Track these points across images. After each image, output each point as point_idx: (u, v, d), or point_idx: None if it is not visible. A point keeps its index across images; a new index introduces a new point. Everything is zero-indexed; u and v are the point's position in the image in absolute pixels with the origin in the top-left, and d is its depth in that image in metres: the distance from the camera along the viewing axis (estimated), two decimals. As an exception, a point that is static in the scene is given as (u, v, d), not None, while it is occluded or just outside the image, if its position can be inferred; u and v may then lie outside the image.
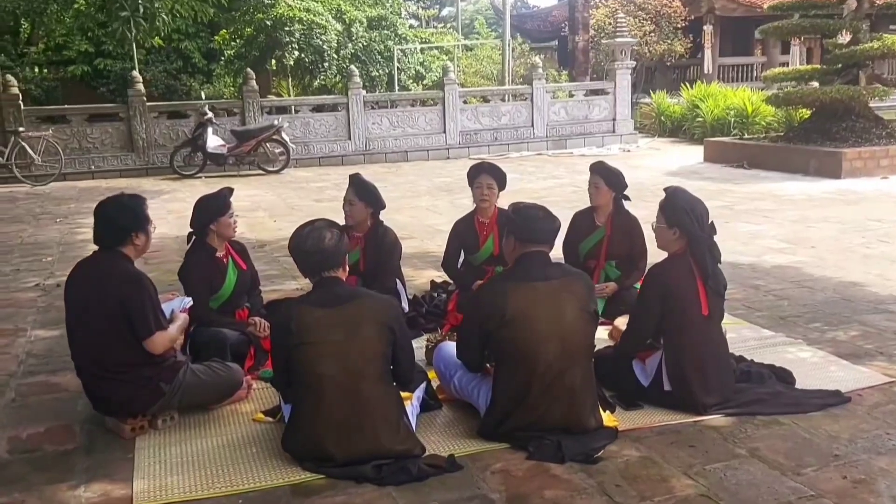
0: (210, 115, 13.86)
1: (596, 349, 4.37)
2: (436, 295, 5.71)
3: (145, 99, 14.43)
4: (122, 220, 3.68)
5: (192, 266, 4.67)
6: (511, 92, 17.56)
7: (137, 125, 14.27)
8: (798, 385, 4.08)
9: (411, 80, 20.91)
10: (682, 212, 3.80)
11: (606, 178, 5.32)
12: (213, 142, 13.85)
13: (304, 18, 18.80)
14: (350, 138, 15.54)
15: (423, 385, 3.81)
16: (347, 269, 3.51)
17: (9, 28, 22.44)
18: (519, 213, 3.58)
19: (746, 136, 15.41)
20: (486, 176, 5.30)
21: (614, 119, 17.35)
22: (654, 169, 13.49)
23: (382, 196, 5.20)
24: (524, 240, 3.57)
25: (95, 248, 3.76)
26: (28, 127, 13.63)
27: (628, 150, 16.44)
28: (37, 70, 22.29)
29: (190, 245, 4.77)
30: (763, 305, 5.59)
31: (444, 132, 16.14)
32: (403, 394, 3.55)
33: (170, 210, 10.57)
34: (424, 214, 9.79)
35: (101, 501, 3.15)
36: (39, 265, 7.53)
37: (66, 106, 15.72)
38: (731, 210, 9.47)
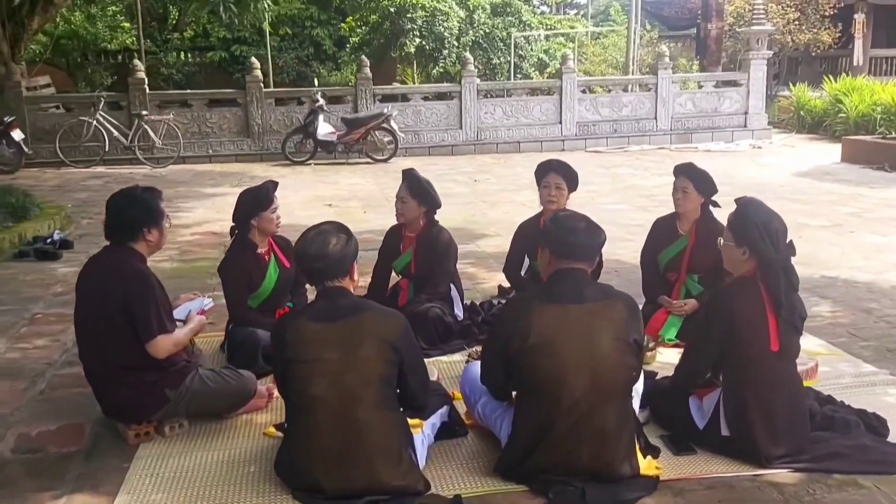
0: (321, 102, 13.88)
1: (658, 377, 3.90)
2: (495, 303, 5.29)
3: (262, 85, 14.62)
4: (133, 215, 3.49)
5: (231, 262, 4.49)
6: (634, 82, 16.73)
7: (254, 111, 14.49)
8: (892, 438, 3.42)
9: (533, 69, 20.37)
10: (753, 227, 3.23)
11: (696, 182, 4.72)
12: (324, 129, 13.87)
13: (427, 5, 18.62)
14: (461, 127, 15.21)
15: (443, 410, 3.43)
16: (356, 278, 3.17)
17: (158, 15, 23.57)
18: (556, 223, 3.13)
19: (894, 134, 13.96)
20: (554, 175, 4.84)
21: (746, 112, 16.18)
22: (783, 168, 12.43)
23: (437, 194, 4.82)
24: (560, 254, 3.11)
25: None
26: (152, 111, 14.09)
27: (759, 147, 15.28)
28: (180, 55, 23.21)
29: (232, 240, 4.58)
30: (871, 334, 4.84)
31: (560, 123, 15.54)
32: (412, 421, 3.17)
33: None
34: (519, 210, 9.28)
35: (75, 518, 2.96)
36: (125, 249, 7.61)
37: (187, 91, 16.21)
38: (859, 218, 8.49)
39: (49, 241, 7.39)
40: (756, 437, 3.19)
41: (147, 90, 14.24)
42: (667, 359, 4.29)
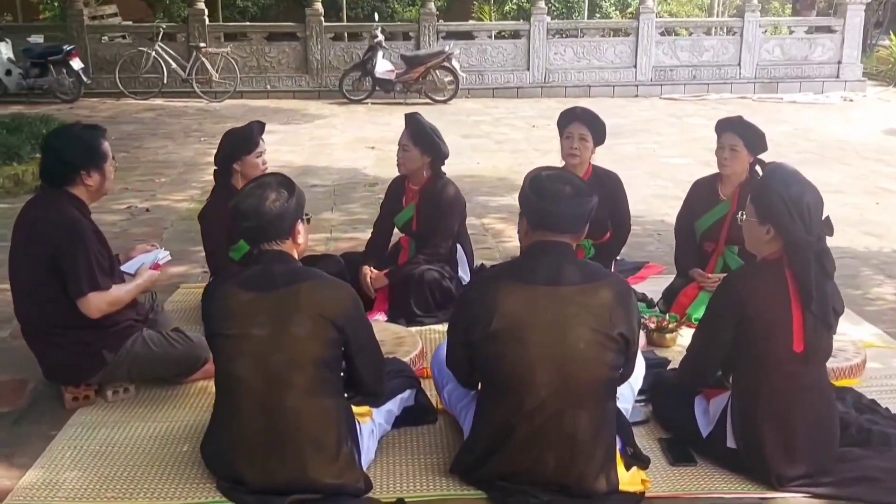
0: (380, 38, 13.33)
1: (669, 366, 3.37)
2: (509, 265, 4.77)
3: (322, 19, 14.14)
4: (69, 155, 3.11)
5: (211, 209, 4.11)
6: (718, 24, 15.57)
7: (313, 46, 14.05)
8: (943, 463, 2.82)
9: (614, 8, 19.24)
10: (779, 201, 2.62)
11: (747, 139, 4.06)
12: (382, 66, 13.35)
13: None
14: (528, 69, 14.45)
15: (405, 395, 3.00)
16: (301, 241, 2.72)
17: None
18: (535, 186, 2.58)
19: None
20: (578, 125, 4.24)
21: (839, 62, 14.86)
22: (873, 124, 11.32)
23: (445, 143, 4.29)
24: (537, 224, 2.59)
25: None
26: (211, 43, 13.82)
27: (850, 100, 14.03)
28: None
29: (214, 185, 4.20)
30: (943, 325, 4.15)
31: (635, 67, 14.59)
32: (358, 409, 2.75)
33: (312, 137, 10.22)
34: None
35: (-26, 493, 2.66)
36: (148, 186, 7.38)
37: (246, 23, 15.89)
38: (952, 185, 7.56)
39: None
40: (767, 452, 2.65)
41: (207, 21, 13.95)
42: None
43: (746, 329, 2.65)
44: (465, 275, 4.42)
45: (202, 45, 13.53)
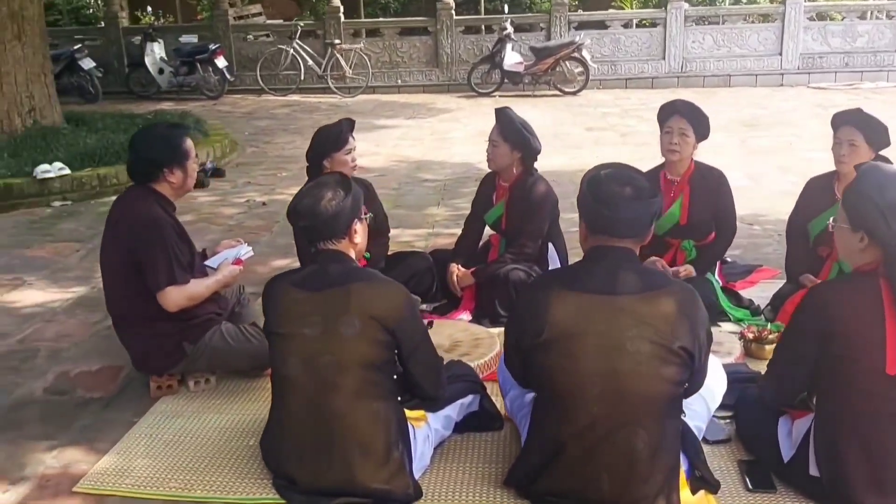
0: (509, 30, 13.23)
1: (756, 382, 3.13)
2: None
3: (453, 13, 14.19)
4: (153, 154, 3.22)
5: (301, 206, 4.15)
6: (874, 8, 14.40)
7: (443, 39, 14.13)
8: None
9: (762, -8, 18.22)
10: (872, 206, 2.34)
11: (868, 133, 3.71)
12: (511, 59, 13.24)
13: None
14: (664, 58, 13.92)
15: (466, 400, 2.91)
16: (358, 241, 2.69)
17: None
18: (592, 186, 2.43)
19: None
20: (678, 118, 4.01)
21: None
22: None
23: (537, 138, 4.16)
24: (595, 228, 2.44)
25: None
26: (345, 39, 14.17)
27: None
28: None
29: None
30: None
31: (780, 54, 13.75)
32: (413, 413, 2.70)
33: (434, 131, 10.26)
34: (701, 157, 8.23)
35: (53, 475, 2.81)
36: (270, 180, 7.63)
37: (379, 19, 16.15)
38: None
39: (201, 169, 7.53)
40: (852, 483, 2.38)
41: (342, 18, 14.31)
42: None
43: (832, 347, 2.39)
44: (557, 275, 4.28)
45: (337, 41, 13.89)
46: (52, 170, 6.65)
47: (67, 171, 6.73)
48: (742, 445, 2.84)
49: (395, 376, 2.64)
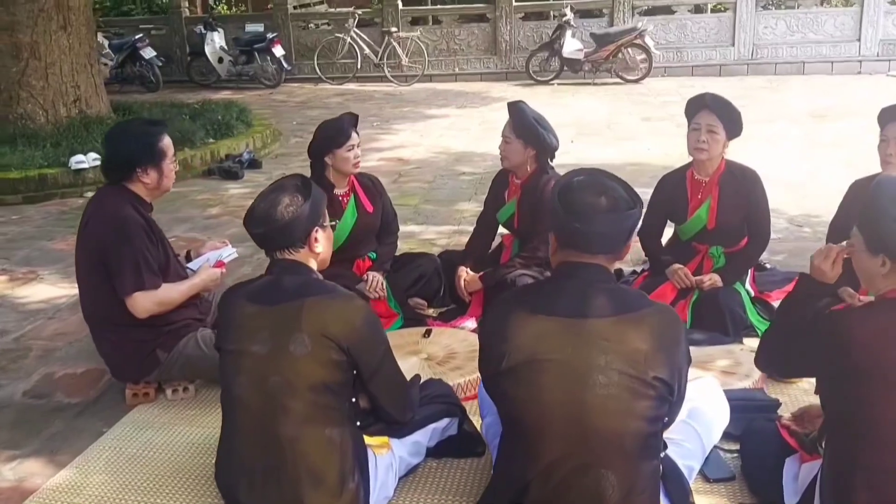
0: (569, 16, 12.81)
1: (776, 410, 2.81)
2: (626, 272, 4.25)
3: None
4: (126, 152, 3.06)
5: (302, 203, 3.96)
6: (966, -12, 13.42)
7: (502, 26, 13.79)
8: None
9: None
10: (892, 225, 2.00)
11: None
12: (571, 46, 12.82)
13: None
14: (733, 44, 13.27)
15: (440, 424, 2.68)
16: (320, 250, 2.46)
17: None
18: (564, 194, 2.15)
19: None
20: (707, 114, 3.65)
21: None
22: None
23: (553, 133, 3.86)
24: (564, 242, 2.17)
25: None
26: (403, 27, 13.98)
27: None
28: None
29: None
30: None
31: (859, 40, 12.94)
32: (375, 440, 2.47)
33: (483, 121, 9.96)
34: (755, 151, 7.74)
35: (5, 489, 2.68)
36: (305, 172, 7.47)
37: (437, 6, 15.88)
38: None
39: (237, 159, 7.46)
40: (865, 544, 2.06)
41: (399, 6, 14.12)
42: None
43: (848, 383, 2.06)
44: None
45: (393, 29, 13.71)
46: (87, 160, 6.66)
47: (102, 161, 6.71)
48: (747, 486, 2.52)
49: (353, 399, 2.42)
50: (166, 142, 3.14)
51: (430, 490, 2.60)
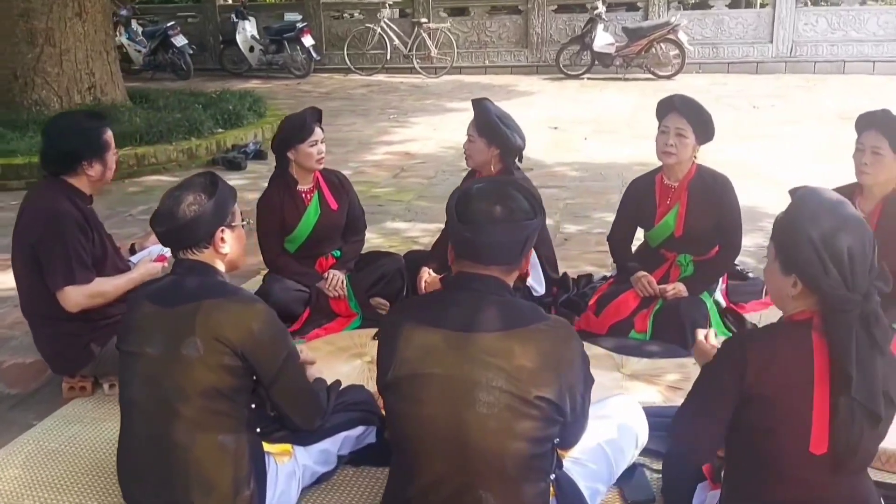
0: (600, 9, 12.57)
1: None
2: (597, 278, 4.10)
3: (545, -9, 13.65)
4: (71, 146, 3.04)
5: (264, 198, 3.93)
6: None
7: (534, 18, 13.62)
8: None
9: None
10: (805, 244, 1.84)
11: (894, 138, 3.14)
12: (602, 40, 12.59)
13: None
14: (772, 41, 12.89)
15: (355, 432, 2.60)
16: (227, 251, 2.38)
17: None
18: (460, 202, 2.04)
19: None
20: (676, 117, 3.49)
21: None
22: None
23: (519, 133, 3.73)
24: (459, 252, 2.06)
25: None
26: (434, 18, 13.88)
27: None
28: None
29: (272, 174, 4.02)
30: None
31: (904, 39, 12.48)
32: (276, 447, 2.39)
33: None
34: (779, 153, 7.46)
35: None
36: (308, 164, 7.45)
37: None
38: None
39: (243, 150, 7.45)
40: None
41: (432, -3, 14.03)
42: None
43: (746, 412, 1.91)
44: (538, 285, 3.86)
45: (423, 20, 13.62)
46: (89, 148, 6.69)
47: (104, 149, 6.76)
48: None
49: (252, 405, 2.34)
50: (109, 134, 3.12)
51: (339, 499, 2.52)
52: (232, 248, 2.40)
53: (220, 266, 2.40)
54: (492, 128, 3.66)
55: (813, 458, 1.85)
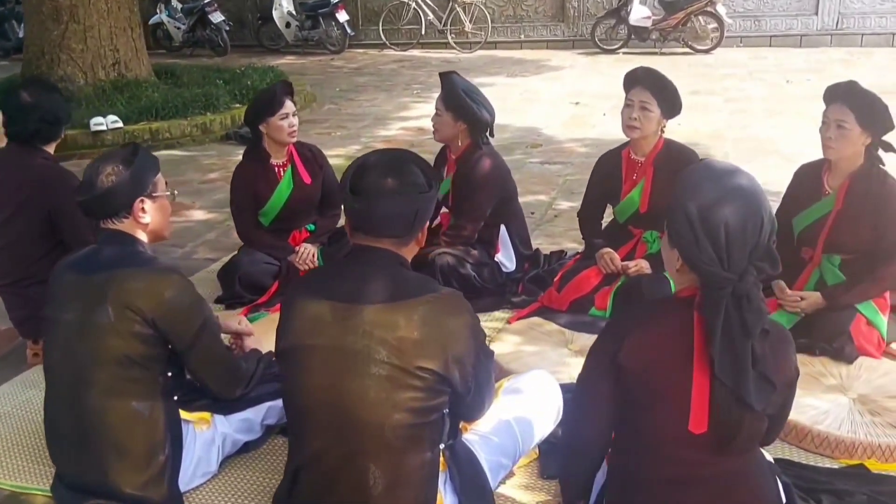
0: (636, -19, 12.28)
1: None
2: (569, 254, 4.05)
3: (583, -38, 13.38)
4: (62, 112, 3.22)
5: (237, 172, 3.98)
6: None
7: (572, -9, 13.39)
8: None
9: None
10: (684, 220, 1.79)
11: (861, 112, 3.02)
12: (638, 13, 12.30)
13: None
14: (816, 13, 12.42)
15: (281, 402, 2.62)
16: (147, 220, 2.42)
17: None
18: (354, 174, 2.04)
19: None
20: (640, 90, 3.41)
21: None
22: None
23: (487, 107, 3.69)
24: (352, 224, 2.07)
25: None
26: (466, -9, 13.76)
27: None
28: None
29: (245, 148, 4.08)
30: None
31: (959, 9, 11.91)
32: (195, 415, 2.45)
33: (525, 90, 9.71)
34: (803, 130, 7.22)
35: None
36: (322, 140, 7.47)
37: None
38: None
39: (256, 126, 7.51)
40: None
41: (466, -30, 13.87)
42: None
43: (625, 391, 1.89)
44: (507, 261, 3.85)
45: (460, -7, 13.51)
46: (105, 123, 6.86)
47: (120, 124, 6.92)
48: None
49: (169, 374, 2.39)
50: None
51: (262, 467, 2.56)
52: (153, 218, 2.44)
53: (143, 236, 2.44)
54: (458, 101, 3.63)
55: (693, 437, 1.82)
